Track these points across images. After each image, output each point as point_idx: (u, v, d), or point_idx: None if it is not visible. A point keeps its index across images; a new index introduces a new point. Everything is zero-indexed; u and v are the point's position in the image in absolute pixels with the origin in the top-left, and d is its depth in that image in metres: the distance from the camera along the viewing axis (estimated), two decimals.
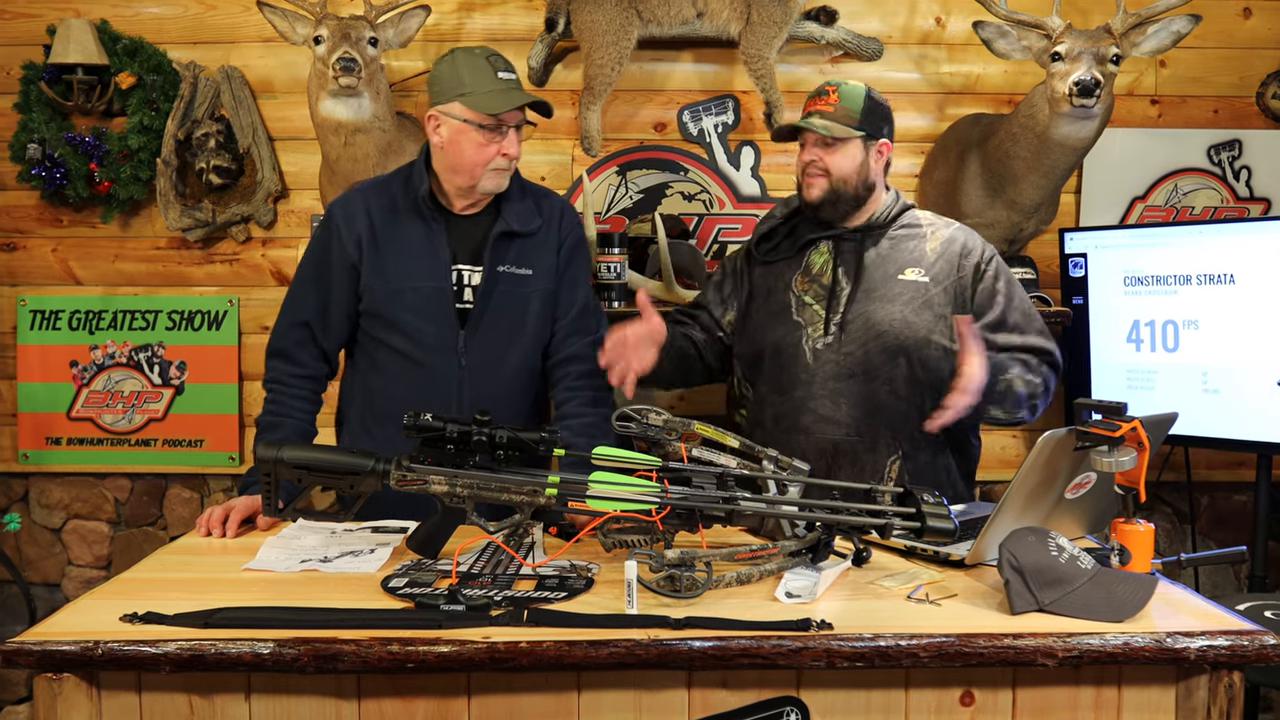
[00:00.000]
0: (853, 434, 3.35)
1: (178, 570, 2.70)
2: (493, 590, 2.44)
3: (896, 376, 3.35)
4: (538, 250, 3.44)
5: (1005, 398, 3.26)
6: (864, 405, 3.35)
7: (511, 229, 3.38)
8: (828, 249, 3.51)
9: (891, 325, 3.36)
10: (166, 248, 4.95)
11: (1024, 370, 3.31)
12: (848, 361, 3.37)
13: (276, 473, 2.62)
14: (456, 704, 2.25)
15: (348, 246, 3.36)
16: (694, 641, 2.19)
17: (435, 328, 3.33)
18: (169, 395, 4.95)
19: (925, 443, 3.38)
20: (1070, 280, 4.68)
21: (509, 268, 3.39)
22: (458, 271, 3.37)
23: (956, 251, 3.46)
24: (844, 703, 2.28)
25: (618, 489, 2.54)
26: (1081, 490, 2.77)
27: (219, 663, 2.15)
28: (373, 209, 3.40)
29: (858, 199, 3.46)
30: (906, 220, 3.54)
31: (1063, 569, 2.37)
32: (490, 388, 3.36)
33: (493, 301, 3.36)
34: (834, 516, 2.59)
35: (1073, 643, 2.22)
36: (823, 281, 3.47)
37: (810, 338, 3.41)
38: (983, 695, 2.29)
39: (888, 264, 3.45)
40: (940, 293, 3.40)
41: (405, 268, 3.35)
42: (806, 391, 3.39)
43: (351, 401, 3.50)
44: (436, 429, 2.54)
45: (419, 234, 3.37)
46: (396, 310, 3.34)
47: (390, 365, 3.37)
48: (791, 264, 3.55)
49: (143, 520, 5.06)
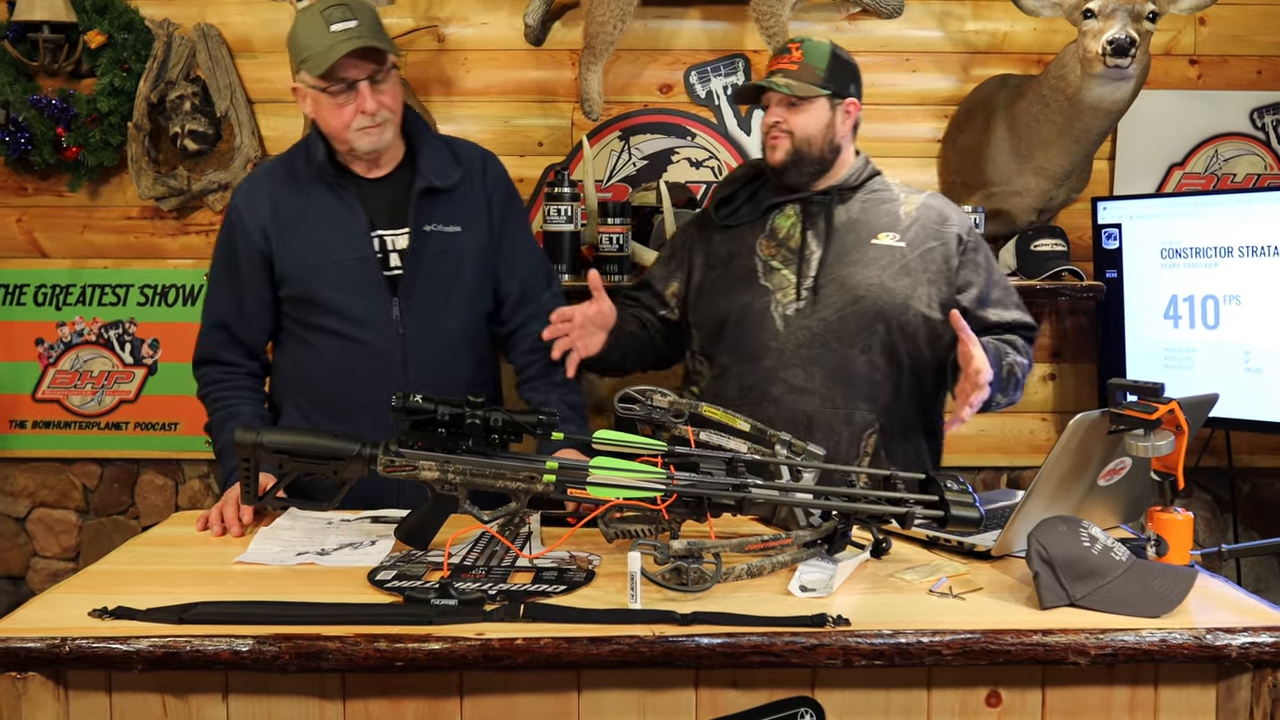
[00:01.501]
0: (827, 405, 3.34)
1: (151, 562, 2.70)
2: (487, 584, 2.44)
3: (874, 344, 3.35)
4: (463, 204, 3.42)
5: (1008, 384, 3.30)
6: (839, 374, 3.35)
7: (431, 184, 3.35)
8: (794, 212, 3.51)
9: (869, 290, 3.36)
10: (138, 218, 4.94)
11: (1014, 352, 3.36)
12: (821, 328, 3.36)
13: (256, 458, 2.62)
14: (448, 705, 2.25)
15: (253, 236, 3.33)
16: (702, 638, 2.18)
17: (365, 300, 3.30)
18: (141, 375, 4.95)
19: (901, 417, 3.40)
20: (1103, 252, 4.67)
21: (436, 226, 3.36)
22: (379, 237, 3.34)
23: (934, 219, 3.48)
24: (862, 703, 2.28)
25: (620, 475, 2.54)
26: (1115, 477, 2.77)
27: (194, 661, 2.14)
28: (275, 188, 3.38)
29: (823, 161, 3.48)
30: (876, 185, 3.56)
31: (1095, 561, 2.37)
32: (435, 356, 3.34)
33: (424, 263, 3.34)
34: (851, 504, 2.59)
35: (1106, 640, 2.21)
36: (790, 245, 3.47)
37: (779, 303, 3.41)
38: (1010, 696, 2.29)
39: (860, 228, 3.46)
40: (917, 259, 3.41)
41: (320, 242, 3.32)
42: (777, 360, 3.38)
43: (285, 393, 3.45)
44: (426, 411, 2.53)
45: (328, 204, 3.34)
46: (319, 288, 3.31)
47: (325, 347, 3.34)
48: (754, 228, 3.55)
49: (113, 509, 5.06)
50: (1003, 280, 3.52)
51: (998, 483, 4.99)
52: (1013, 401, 3.40)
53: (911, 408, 3.42)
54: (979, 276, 3.45)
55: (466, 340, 3.44)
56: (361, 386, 3.18)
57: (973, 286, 3.44)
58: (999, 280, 3.50)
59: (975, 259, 3.47)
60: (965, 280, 3.44)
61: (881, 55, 4.87)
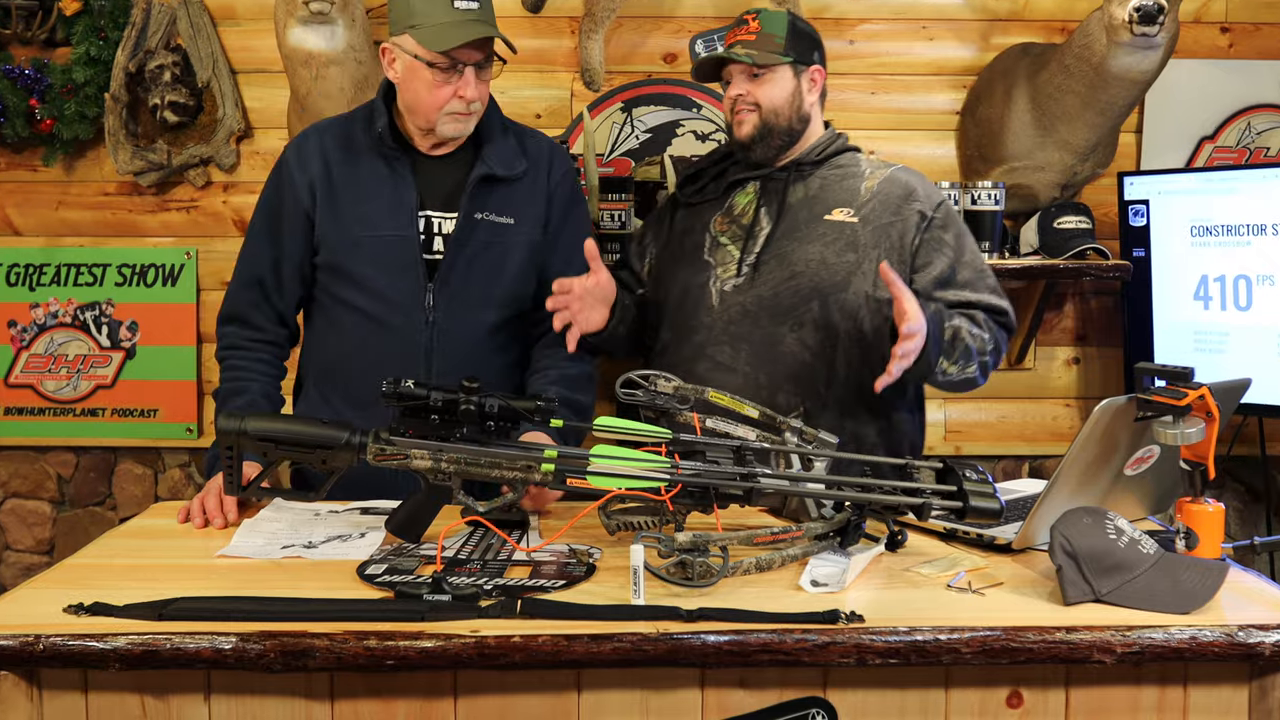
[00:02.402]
0: (750, 384, 3.33)
1: (129, 556, 2.70)
2: (482, 578, 2.44)
3: (805, 321, 3.35)
4: (522, 197, 3.42)
5: (955, 349, 3.24)
6: (765, 352, 3.35)
7: (493, 172, 3.36)
8: (754, 189, 3.53)
9: (808, 265, 3.36)
10: (116, 194, 4.93)
11: (969, 323, 3.30)
12: (755, 304, 3.37)
13: (239, 446, 2.61)
14: (441, 705, 2.25)
15: (300, 193, 3.35)
16: (708, 636, 2.18)
17: (399, 281, 3.31)
18: (119, 359, 4.95)
19: (834, 401, 3.37)
20: (1130, 230, 4.66)
21: (488, 215, 3.36)
22: (426, 218, 3.34)
23: (897, 194, 3.46)
24: (876, 704, 2.27)
25: (623, 464, 2.53)
26: (1143, 466, 2.76)
27: (175, 659, 2.14)
28: (329, 149, 3.39)
29: (791, 133, 3.50)
30: (844, 160, 3.55)
31: (1122, 554, 2.36)
32: (464, 351, 3.34)
33: (467, 252, 3.34)
34: (865, 495, 2.58)
35: (1133, 637, 2.21)
36: (742, 221, 3.49)
37: (719, 279, 3.43)
38: (1032, 696, 2.29)
39: (815, 204, 3.47)
40: (869, 234, 3.39)
41: (364, 214, 3.33)
42: (706, 336, 3.41)
43: (308, 368, 3.48)
44: (419, 397, 2.52)
45: (380, 176, 3.35)
46: (355, 262, 3.32)
47: (349, 325, 3.35)
48: (715, 205, 3.58)
49: (89, 499, 5.06)
50: (976, 262, 3.46)
51: (1019, 472, 4.99)
52: (969, 379, 3.31)
53: (848, 394, 3.37)
54: (942, 256, 3.41)
55: (500, 340, 3.43)
56: (378, 373, 3.17)
57: (932, 266, 3.40)
58: (970, 262, 3.44)
59: (940, 237, 3.43)
60: (924, 259, 3.41)
61: (897, 23, 4.86)
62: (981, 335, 3.30)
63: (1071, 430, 4.97)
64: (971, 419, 3.77)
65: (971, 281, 3.41)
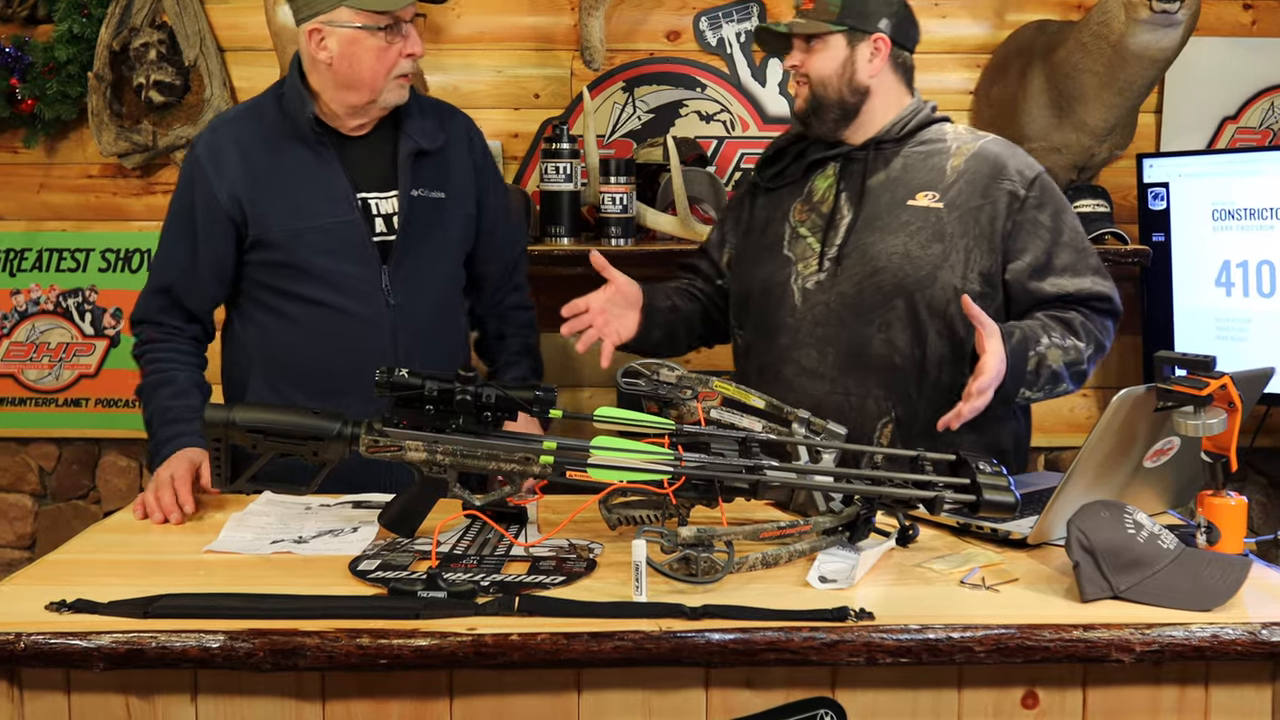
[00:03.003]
0: (837, 390, 3.27)
1: (113, 551, 2.70)
2: (479, 574, 2.44)
3: (892, 321, 3.25)
4: (449, 170, 3.43)
5: (1038, 377, 3.14)
6: (853, 356, 3.27)
7: (421, 146, 3.36)
8: (833, 171, 3.42)
9: (890, 260, 3.26)
10: (100, 176, 4.93)
11: (1060, 337, 3.17)
12: (838, 303, 3.29)
13: (227, 438, 2.61)
14: (436, 706, 2.25)
15: (219, 197, 3.29)
16: (713, 634, 2.17)
17: (352, 267, 3.30)
18: (103, 347, 4.95)
19: (926, 408, 3.25)
20: (1149, 214, 4.66)
21: (424, 191, 3.37)
22: (363, 200, 3.33)
23: (985, 172, 3.31)
24: (887, 705, 2.27)
25: (624, 456, 2.53)
26: (1163, 458, 2.76)
27: (161, 658, 2.14)
28: (245, 143, 3.34)
29: (844, 106, 3.35)
30: (930, 135, 3.42)
31: (1141, 549, 2.36)
32: (424, 329, 3.36)
33: (415, 229, 3.34)
34: (875, 488, 2.58)
35: (1153, 635, 2.20)
36: (822, 209, 3.39)
37: (800, 275, 3.35)
38: (1048, 696, 2.28)
39: (897, 187, 3.34)
40: (957, 220, 3.27)
41: (302, 205, 3.30)
42: (791, 339, 3.33)
43: (250, 365, 3.41)
44: (413, 387, 2.52)
45: (308, 164, 3.32)
46: (303, 254, 3.29)
47: (306, 318, 3.33)
48: (794, 190, 3.48)
49: (72, 493, 5.06)
50: (1077, 241, 3.32)
51: (1034, 465, 4.99)
52: (1061, 393, 3.23)
53: (942, 398, 3.23)
54: (1038, 240, 3.27)
55: (451, 312, 3.48)
56: (348, 361, 3.16)
57: (1026, 253, 3.27)
58: (1070, 242, 3.30)
59: (1036, 218, 3.28)
60: (1019, 246, 3.28)
61: None
62: (1076, 345, 3.19)
63: (1089, 421, 4.97)
64: None
65: (1071, 265, 3.28)
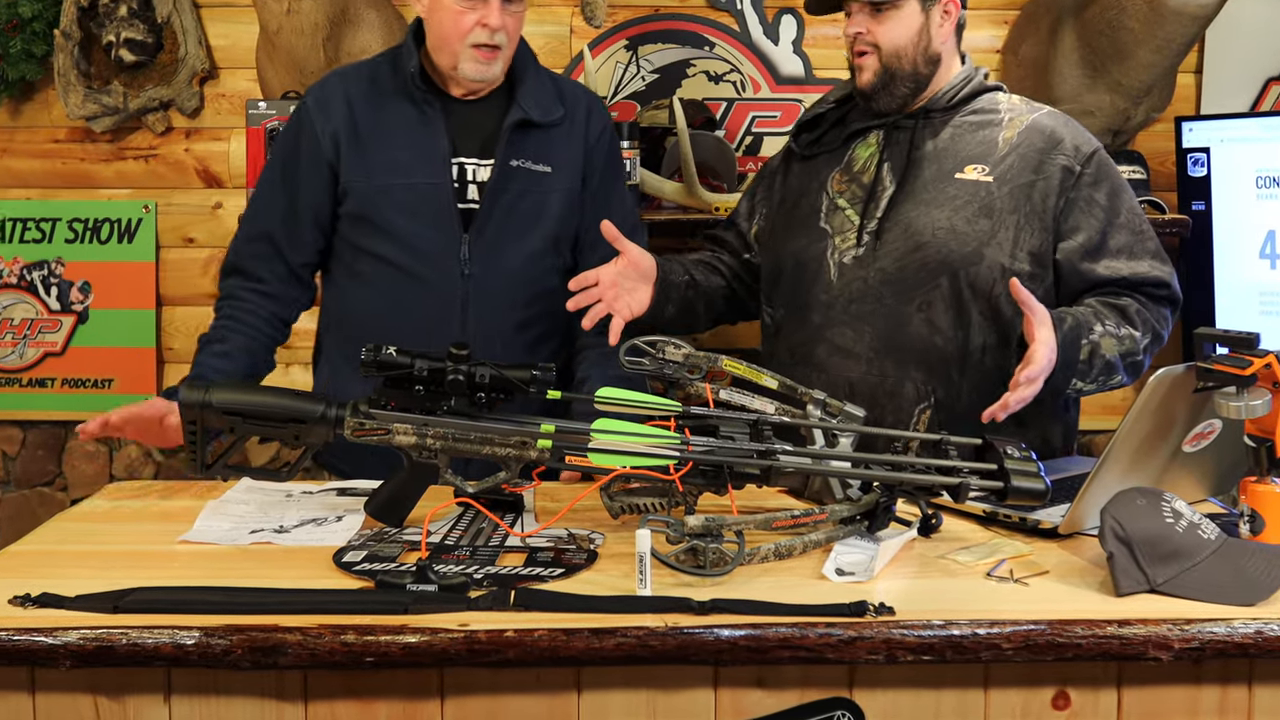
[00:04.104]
0: (873, 371, 3.27)
1: (81, 541, 2.70)
2: (472, 566, 2.43)
3: (935, 300, 3.25)
4: (559, 144, 3.47)
5: (1091, 368, 3.13)
6: (891, 336, 3.27)
7: (529, 117, 3.41)
8: (876, 140, 3.42)
9: (935, 235, 3.25)
10: (67, 140, 4.93)
11: (1114, 325, 3.16)
12: (877, 280, 3.28)
13: (203, 419, 2.60)
14: (427, 707, 2.24)
15: (322, 142, 3.39)
16: (722, 630, 2.17)
17: (432, 231, 3.36)
18: (70, 324, 4.95)
19: (969, 393, 3.25)
20: (1189, 181, 4.65)
21: (524, 162, 3.41)
22: (459, 165, 3.39)
23: (1039, 146, 3.31)
24: (908, 706, 2.27)
25: (627, 440, 2.53)
26: (1203, 442, 2.76)
27: (132, 656, 2.13)
28: (353, 94, 3.43)
29: (918, 78, 3.35)
30: (982, 104, 3.42)
31: (1180, 540, 2.36)
32: (501, 307, 3.39)
33: (503, 200, 3.38)
34: (896, 474, 2.58)
35: (1192, 631, 2.20)
36: (863, 180, 3.39)
37: (837, 249, 3.35)
38: (1080, 696, 2.28)
39: (944, 159, 3.34)
40: (1007, 196, 3.27)
41: (394, 161, 3.37)
42: (825, 317, 3.33)
43: (329, 329, 3.52)
44: (401, 365, 2.52)
45: (410, 121, 3.39)
46: (385, 211, 3.36)
47: (378, 279, 3.39)
48: (833, 159, 3.48)
49: (37, 479, 5.07)
50: (1134, 223, 3.31)
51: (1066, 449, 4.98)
52: (1114, 386, 3.22)
53: (985, 382, 3.24)
54: (1092, 219, 3.27)
55: (538, 296, 3.45)
56: (413, 329, 3.19)
57: (1079, 232, 3.27)
58: (1126, 223, 3.30)
59: (1091, 196, 3.28)
60: (1071, 225, 3.28)
61: None
62: (1131, 335, 3.18)
63: (1124, 403, 4.96)
64: None
65: (1128, 247, 3.27)
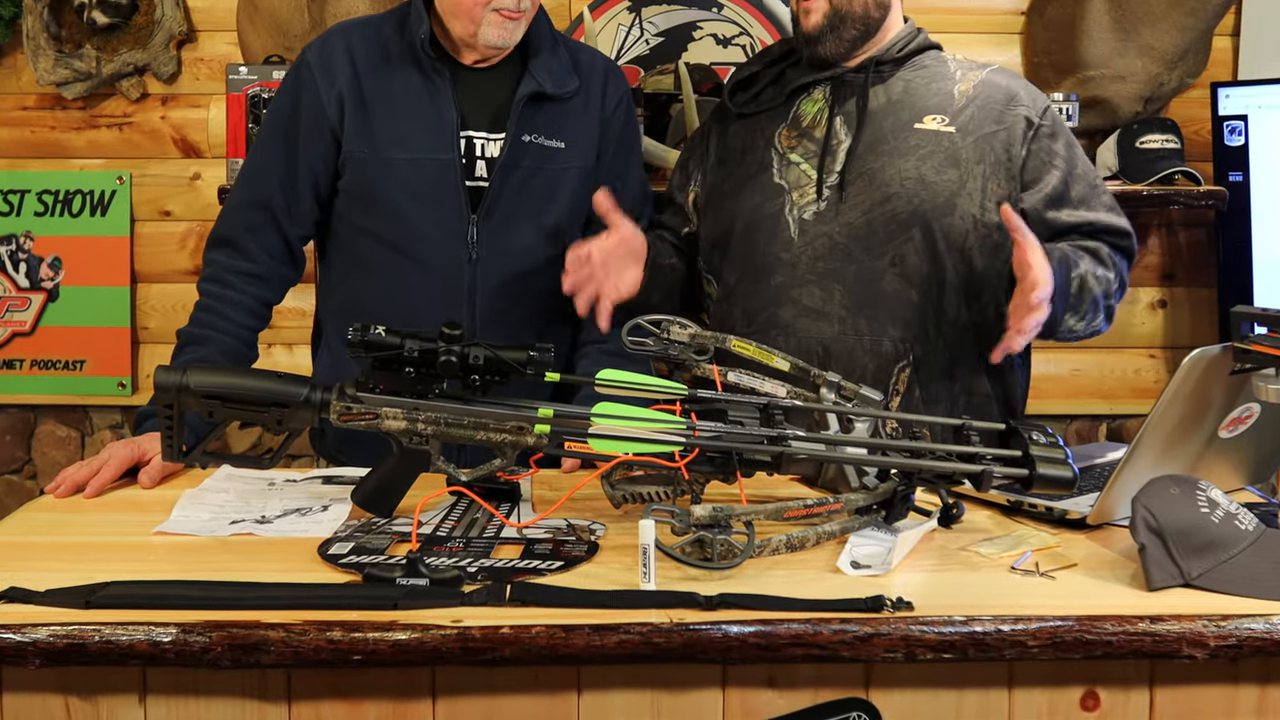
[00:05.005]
0: (847, 331, 3.28)
1: (51, 532, 2.69)
2: (465, 558, 2.43)
3: (908, 254, 3.28)
4: (574, 118, 3.45)
5: (1081, 300, 3.20)
6: (864, 293, 3.29)
7: (543, 89, 3.38)
8: (823, 95, 3.46)
9: (904, 185, 3.30)
10: (36, 108, 4.93)
11: (1094, 263, 3.26)
12: (844, 234, 3.30)
13: (181, 404, 2.59)
14: (418, 708, 2.24)
15: (326, 103, 3.35)
16: (730, 626, 2.17)
17: (438, 211, 3.34)
18: (39, 302, 4.95)
19: (944, 348, 3.32)
20: (1226, 151, 4.65)
21: (537, 137, 3.39)
22: (468, 139, 3.36)
23: (999, 99, 3.40)
24: (928, 706, 2.27)
25: (630, 425, 2.53)
26: (1240, 427, 2.75)
27: (105, 654, 2.13)
28: (357, 54, 3.39)
29: (868, 22, 3.40)
30: (928, 60, 3.49)
31: (1216, 531, 2.36)
32: (512, 294, 3.38)
33: (515, 178, 3.36)
34: (914, 461, 2.58)
35: (1229, 628, 2.19)
36: (815, 134, 3.42)
37: (796, 205, 3.36)
38: (1110, 697, 2.28)
39: (900, 110, 3.40)
40: (971, 146, 3.34)
41: (398, 133, 3.34)
42: (789, 276, 3.34)
43: (328, 311, 3.52)
44: (390, 346, 2.51)
45: (417, 90, 3.36)
46: (387, 188, 3.34)
47: (376, 261, 3.38)
48: (776, 115, 3.50)
49: (5, 466, 5.08)
50: (1089, 175, 3.42)
51: (1095, 435, 4.99)
52: (1095, 330, 3.30)
53: (960, 337, 3.34)
54: (1054, 170, 3.36)
55: (550, 280, 3.39)
56: (416, 317, 3.16)
57: (1043, 182, 3.36)
58: (1083, 175, 3.40)
59: (1051, 147, 3.38)
60: (1034, 174, 3.36)
61: None
62: (1107, 276, 3.26)
63: (1157, 385, 4.97)
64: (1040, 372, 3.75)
65: (1086, 198, 3.37)
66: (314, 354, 3.63)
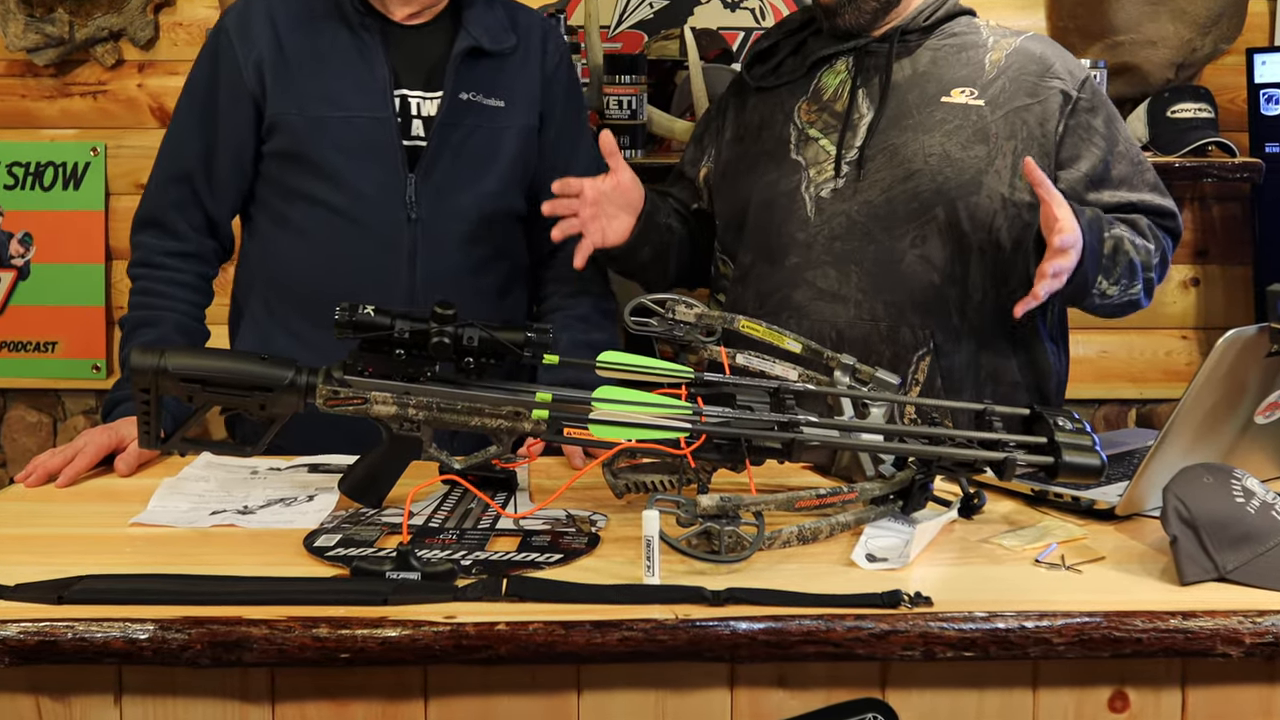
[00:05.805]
0: (864, 315, 3.28)
1: (22, 523, 2.70)
2: (459, 551, 2.43)
3: (930, 235, 3.28)
4: (514, 76, 3.45)
5: (1115, 263, 3.17)
6: (883, 275, 3.28)
7: (479, 45, 3.37)
8: (845, 67, 3.44)
9: (927, 162, 3.28)
10: (5, 75, 4.93)
11: (1131, 231, 3.24)
12: (863, 213, 3.30)
13: (158, 388, 2.59)
14: (409, 708, 2.24)
15: (245, 72, 3.35)
16: (739, 623, 2.16)
17: (375, 170, 3.33)
18: (9, 280, 4.95)
19: (969, 335, 3.30)
20: (1262, 120, 4.64)
21: (475, 95, 3.39)
22: (402, 98, 3.36)
23: (1032, 70, 3.37)
24: (947, 707, 2.26)
25: (633, 410, 2.52)
26: (1277, 412, 2.75)
27: (78, 652, 2.12)
28: (278, 15, 3.38)
29: None
30: (958, 27, 3.46)
31: (1252, 522, 2.35)
32: (453, 256, 3.37)
33: (453, 137, 3.36)
34: (933, 448, 2.57)
35: (1266, 625, 2.19)
36: (836, 108, 3.40)
37: (813, 182, 3.35)
38: (1140, 697, 2.27)
39: (927, 83, 3.38)
40: (1001, 120, 3.31)
41: (328, 91, 3.34)
42: (804, 257, 3.33)
43: (252, 284, 3.48)
44: (380, 327, 2.50)
45: (346, 48, 3.36)
46: (320, 148, 3.33)
47: (312, 225, 3.36)
48: (796, 89, 3.49)
49: None
50: (1132, 153, 3.40)
51: (1124, 421, 4.99)
52: (1132, 300, 3.28)
53: (986, 323, 3.31)
54: (1094, 148, 3.34)
55: (494, 243, 3.45)
56: (356, 281, 3.17)
57: (1081, 160, 3.33)
58: (1126, 153, 3.38)
59: (1090, 123, 3.35)
60: (1072, 152, 3.34)
61: None
62: (1146, 246, 3.24)
63: (1189, 368, 4.96)
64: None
65: (1128, 178, 3.35)
66: (232, 335, 3.59)
